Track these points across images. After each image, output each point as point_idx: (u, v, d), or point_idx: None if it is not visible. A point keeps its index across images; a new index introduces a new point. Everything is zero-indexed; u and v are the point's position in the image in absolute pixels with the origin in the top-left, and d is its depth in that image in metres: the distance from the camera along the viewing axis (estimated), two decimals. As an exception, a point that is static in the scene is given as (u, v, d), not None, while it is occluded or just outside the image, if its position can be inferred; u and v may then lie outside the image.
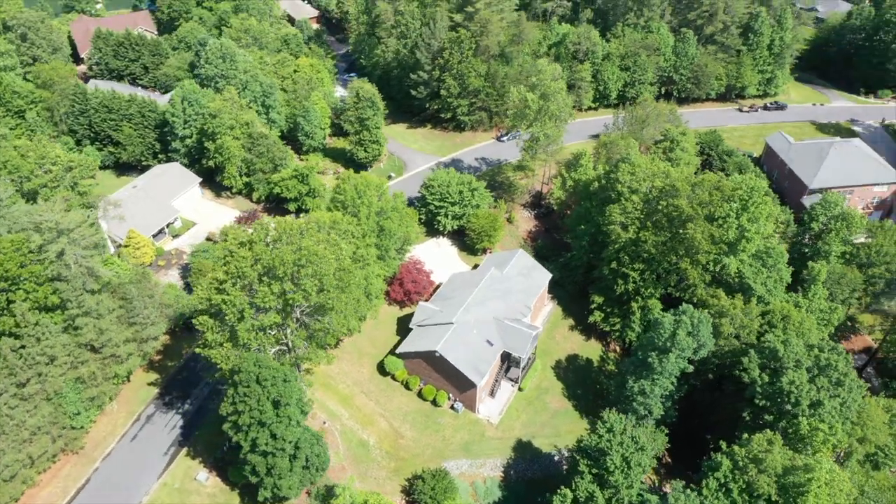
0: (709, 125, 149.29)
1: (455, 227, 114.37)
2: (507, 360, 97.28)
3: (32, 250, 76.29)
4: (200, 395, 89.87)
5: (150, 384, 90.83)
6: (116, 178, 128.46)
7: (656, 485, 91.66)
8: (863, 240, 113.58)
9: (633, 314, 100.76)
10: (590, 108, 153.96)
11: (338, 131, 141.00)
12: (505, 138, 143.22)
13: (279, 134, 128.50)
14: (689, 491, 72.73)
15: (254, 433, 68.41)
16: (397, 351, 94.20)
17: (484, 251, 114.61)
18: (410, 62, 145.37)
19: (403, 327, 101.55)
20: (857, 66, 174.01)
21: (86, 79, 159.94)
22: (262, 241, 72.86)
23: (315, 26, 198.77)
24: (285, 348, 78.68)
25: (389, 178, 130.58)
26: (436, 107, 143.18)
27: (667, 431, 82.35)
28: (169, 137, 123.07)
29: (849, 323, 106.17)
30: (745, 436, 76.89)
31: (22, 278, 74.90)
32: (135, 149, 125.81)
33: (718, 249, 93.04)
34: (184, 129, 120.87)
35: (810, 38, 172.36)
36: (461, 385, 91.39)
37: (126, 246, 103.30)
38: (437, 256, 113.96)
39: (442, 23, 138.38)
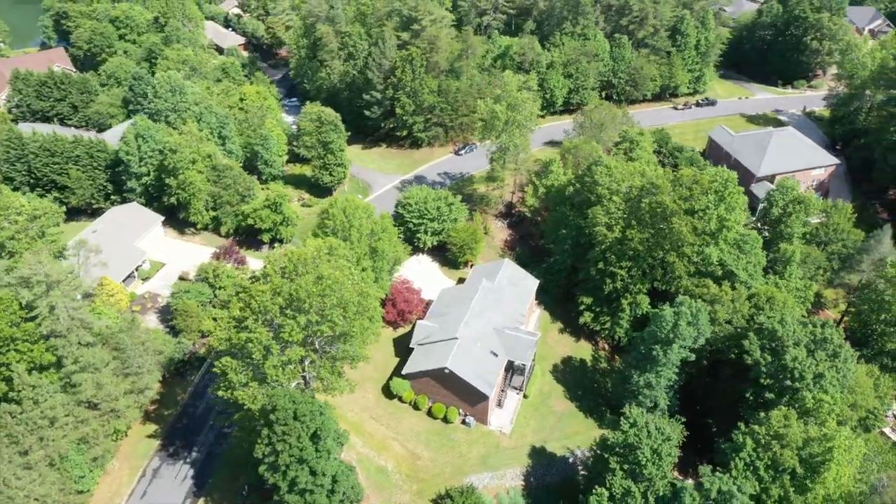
0: (649, 124, 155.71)
1: (435, 243, 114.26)
2: (511, 369, 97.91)
3: (23, 306, 71.11)
4: (206, 442, 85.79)
5: (149, 436, 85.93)
6: (65, 224, 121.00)
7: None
8: (815, 220, 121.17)
9: (623, 311, 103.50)
10: (539, 117, 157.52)
11: (293, 157, 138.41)
12: (462, 152, 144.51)
13: (239, 165, 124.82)
14: (719, 474, 75.15)
15: (293, 472, 65.97)
16: (403, 372, 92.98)
17: (466, 264, 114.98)
18: (360, 82, 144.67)
19: (401, 348, 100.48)
20: (771, 61, 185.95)
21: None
22: (276, 273, 70.61)
23: (244, 53, 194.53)
24: (302, 381, 76.37)
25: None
26: (391, 125, 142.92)
27: (683, 420, 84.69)
28: (123, 177, 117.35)
29: (816, 298, 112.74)
30: (763, 414, 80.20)
31: (15, 338, 69.63)
32: (84, 192, 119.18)
33: (702, 240, 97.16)
34: (140, 167, 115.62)
35: (728, 37, 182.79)
36: (472, 399, 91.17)
37: (95, 295, 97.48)
38: (420, 273, 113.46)
39: (391, 42, 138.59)
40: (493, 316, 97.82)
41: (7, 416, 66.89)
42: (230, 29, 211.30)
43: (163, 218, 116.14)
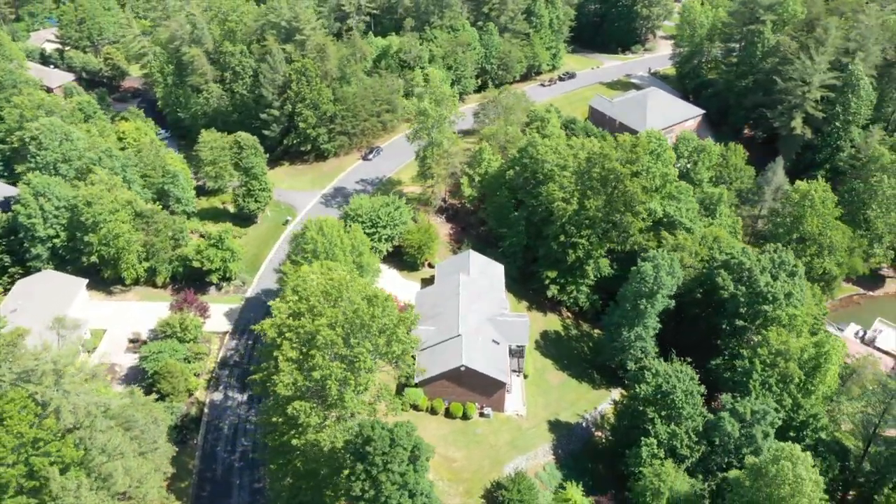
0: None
1: (390, 249, 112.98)
2: (511, 353, 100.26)
3: (38, 403, 61.47)
4: (242, 503, 79.33)
5: (176, 515, 77.82)
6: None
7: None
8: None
9: (587, 277, 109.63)
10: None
11: (199, 191, 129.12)
12: (371, 156, 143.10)
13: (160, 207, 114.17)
14: (740, 398, 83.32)
15: (395, 500, 63.77)
16: (415, 380, 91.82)
17: (425, 264, 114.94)
18: (251, 102, 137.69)
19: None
20: (608, 31, 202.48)
21: None
22: (320, 303, 67.09)
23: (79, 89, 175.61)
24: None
25: (286, 222, 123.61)
26: (294, 141, 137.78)
27: (689, 360, 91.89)
28: (25, 244, 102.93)
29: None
30: (758, 338, 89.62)
31: (38, 439, 60.18)
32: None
33: (649, 197, 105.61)
34: (46, 229, 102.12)
35: (574, 13, 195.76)
36: (489, 390, 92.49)
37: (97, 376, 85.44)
38: (381, 282, 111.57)
39: (279, 55, 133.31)
40: (481, 306, 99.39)
41: (56, 532, 57.94)
42: (52, 66, 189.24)
43: (86, 281, 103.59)
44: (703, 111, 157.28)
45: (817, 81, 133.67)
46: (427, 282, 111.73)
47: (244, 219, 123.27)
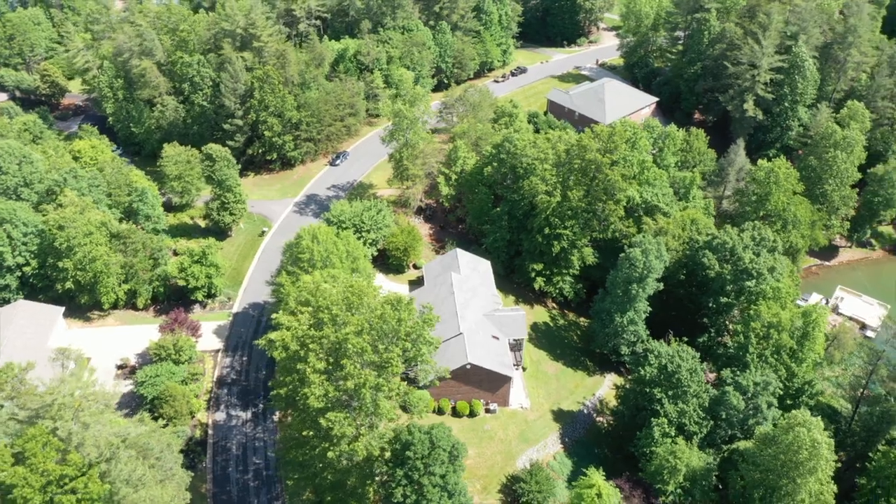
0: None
1: (375, 253, 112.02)
2: (510, 347, 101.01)
3: (61, 439, 58.57)
4: (264, 522, 77.54)
5: (198, 542, 75.35)
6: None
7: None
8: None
9: (572, 266, 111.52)
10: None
11: (165, 208, 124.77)
12: (338, 161, 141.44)
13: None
14: (739, 370, 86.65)
15: (435, 500, 63.67)
16: (420, 383, 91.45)
17: (410, 267, 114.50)
18: (211, 113, 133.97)
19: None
20: (553, 25, 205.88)
21: None
22: (343, 311, 66.19)
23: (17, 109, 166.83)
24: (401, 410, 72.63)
25: (263, 233, 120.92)
26: (260, 150, 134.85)
27: (686, 339, 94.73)
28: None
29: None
30: (752, 311, 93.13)
31: (64, 476, 57.39)
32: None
33: (628, 185, 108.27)
34: (15, 258, 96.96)
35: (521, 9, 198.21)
36: (494, 385, 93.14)
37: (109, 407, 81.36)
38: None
39: (238, 64, 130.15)
40: (476, 303, 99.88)
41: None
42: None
43: (62, 309, 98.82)
44: (656, 98, 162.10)
45: (766, 65, 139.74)
46: (414, 283, 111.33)
47: (217, 233, 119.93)
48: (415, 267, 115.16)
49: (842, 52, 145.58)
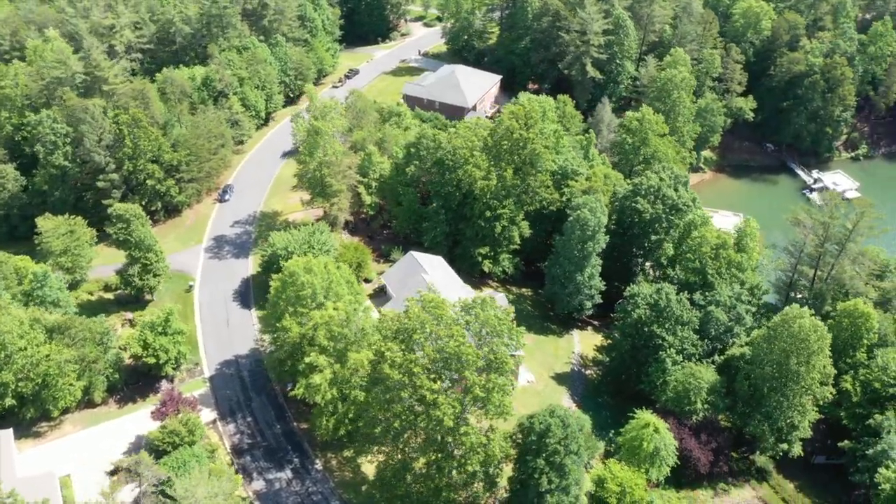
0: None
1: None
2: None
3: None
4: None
5: None
6: None
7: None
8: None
9: (513, 242, 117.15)
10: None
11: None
12: (227, 196, 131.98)
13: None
14: (706, 291, 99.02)
15: (573, 478, 66.24)
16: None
17: (362, 282, 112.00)
18: (75, 173, 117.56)
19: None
20: (360, 24, 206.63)
21: None
22: (434, 328, 65.45)
23: None
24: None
25: (190, 288, 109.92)
26: (143, 202, 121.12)
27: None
28: None
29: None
30: (697, 237, 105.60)
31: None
32: None
33: (551, 154, 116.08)
34: (-69, 388, 79.27)
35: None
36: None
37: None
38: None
39: (98, 111, 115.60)
40: (458, 298, 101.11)
41: None
42: None
43: (10, 430, 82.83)
44: (500, 76, 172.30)
45: (598, 28, 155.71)
46: (375, 297, 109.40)
47: (133, 301, 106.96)
48: (366, 281, 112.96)
49: (646, 9, 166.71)
